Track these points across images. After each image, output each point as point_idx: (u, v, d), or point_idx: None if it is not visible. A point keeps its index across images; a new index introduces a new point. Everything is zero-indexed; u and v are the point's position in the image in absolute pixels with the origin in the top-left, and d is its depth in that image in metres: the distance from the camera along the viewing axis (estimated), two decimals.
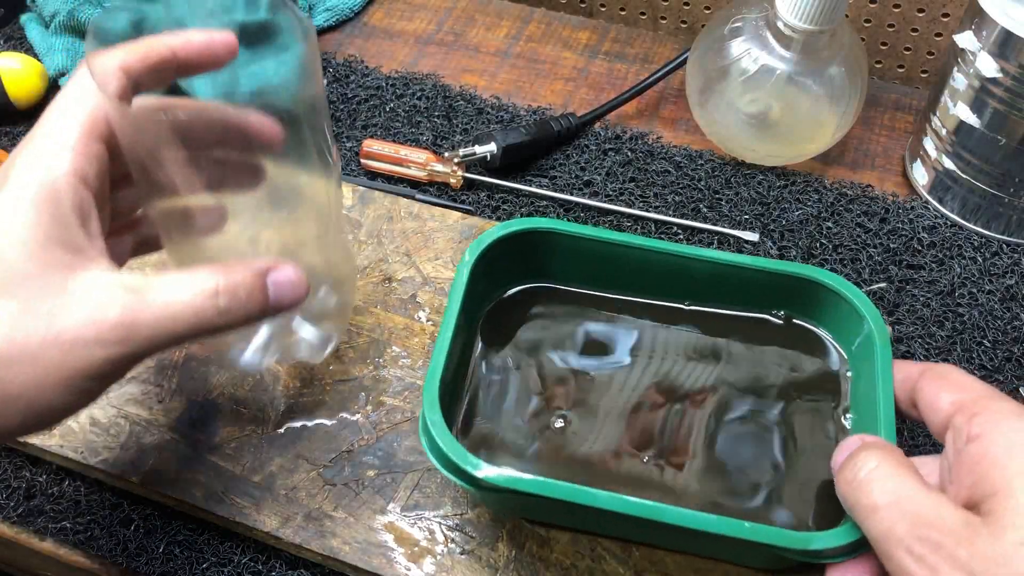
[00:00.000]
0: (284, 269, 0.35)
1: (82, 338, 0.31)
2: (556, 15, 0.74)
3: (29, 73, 0.66)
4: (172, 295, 0.32)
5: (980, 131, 0.54)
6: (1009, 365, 0.51)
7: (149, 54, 0.36)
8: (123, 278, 0.33)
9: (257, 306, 0.34)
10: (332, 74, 0.69)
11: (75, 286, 0.32)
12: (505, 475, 0.36)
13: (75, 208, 0.33)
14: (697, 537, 0.35)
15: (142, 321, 0.32)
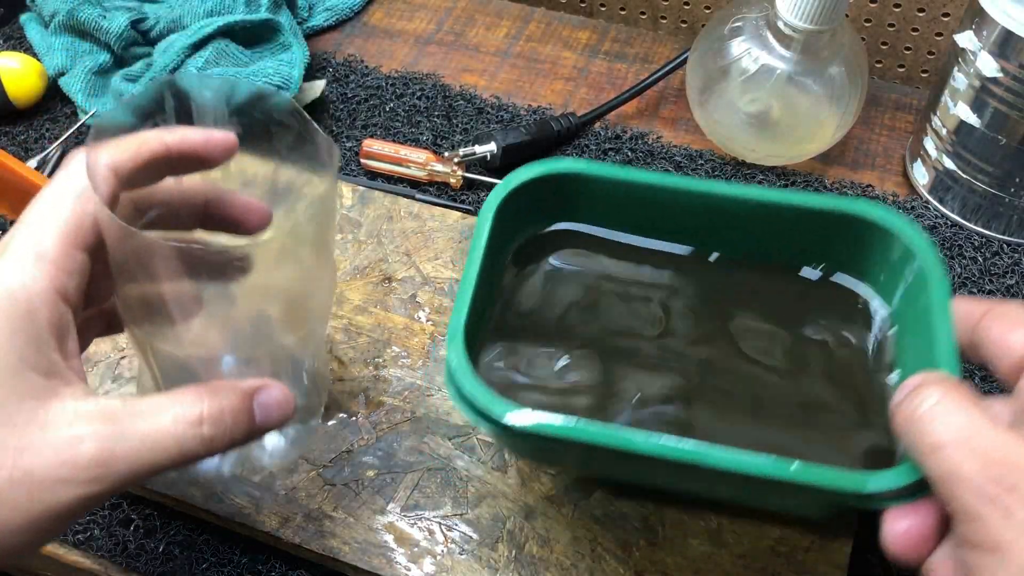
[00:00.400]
0: (272, 390, 0.33)
1: (53, 478, 0.29)
2: (556, 15, 0.74)
3: (29, 73, 0.66)
4: (152, 424, 0.30)
5: (980, 131, 0.54)
6: None
7: (141, 151, 0.33)
8: (100, 405, 0.30)
9: (243, 432, 0.32)
10: (332, 74, 0.69)
11: (48, 417, 0.29)
12: (536, 420, 0.33)
13: (52, 327, 0.30)
14: (742, 482, 0.32)
15: (119, 456, 0.29)
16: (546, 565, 0.41)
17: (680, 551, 0.42)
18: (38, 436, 0.29)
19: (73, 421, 0.29)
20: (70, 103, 0.67)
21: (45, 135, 0.66)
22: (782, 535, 0.42)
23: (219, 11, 0.65)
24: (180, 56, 0.61)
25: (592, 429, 0.33)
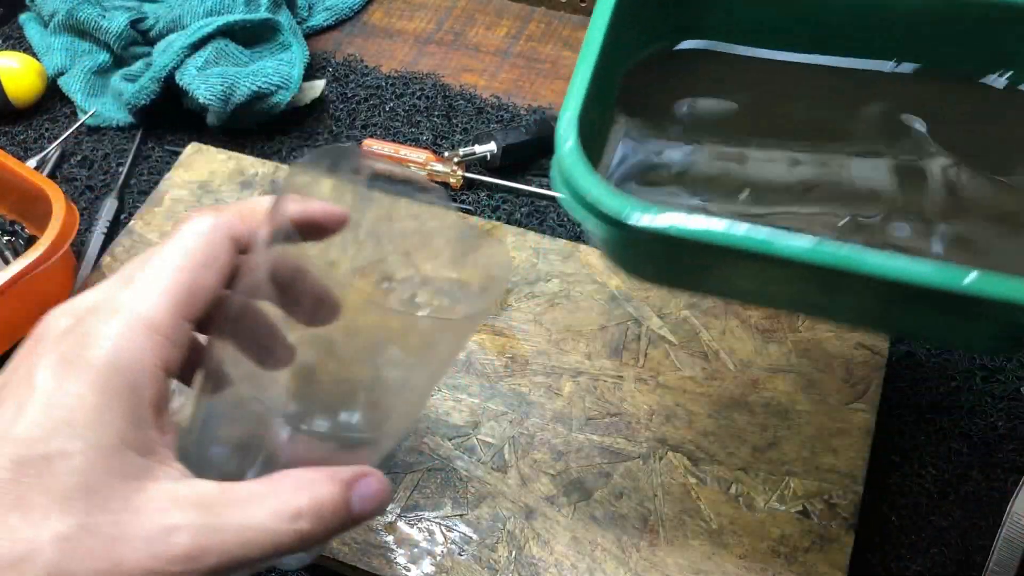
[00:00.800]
0: (370, 480, 0.31)
1: (142, 569, 0.27)
2: (556, 14, 0.74)
3: (28, 72, 0.66)
4: (247, 517, 0.28)
5: None
6: (1011, 365, 0.50)
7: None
8: (195, 490, 0.28)
9: (339, 525, 0.30)
10: (332, 74, 0.68)
11: (142, 502, 0.27)
12: (673, 220, 0.27)
13: (153, 403, 0.29)
14: (903, 300, 0.28)
15: (211, 550, 0.27)
16: (546, 565, 0.41)
17: (680, 551, 0.42)
18: (132, 524, 0.27)
19: (168, 507, 0.28)
20: (69, 103, 0.67)
21: (44, 135, 0.66)
22: (782, 535, 0.42)
23: (218, 11, 0.65)
24: (179, 56, 0.61)
25: (746, 233, 0.27)
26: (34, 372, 0.28)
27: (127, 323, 0.28)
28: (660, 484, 0.44)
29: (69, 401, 0.27)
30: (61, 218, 0.50)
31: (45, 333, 0.29)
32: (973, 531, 0.45)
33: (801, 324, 0.49)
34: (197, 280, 0.30)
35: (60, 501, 0.26)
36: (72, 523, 0.26)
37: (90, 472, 0.27)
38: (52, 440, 0.27)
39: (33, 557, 0.26)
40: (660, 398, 0.46)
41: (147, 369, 0.28)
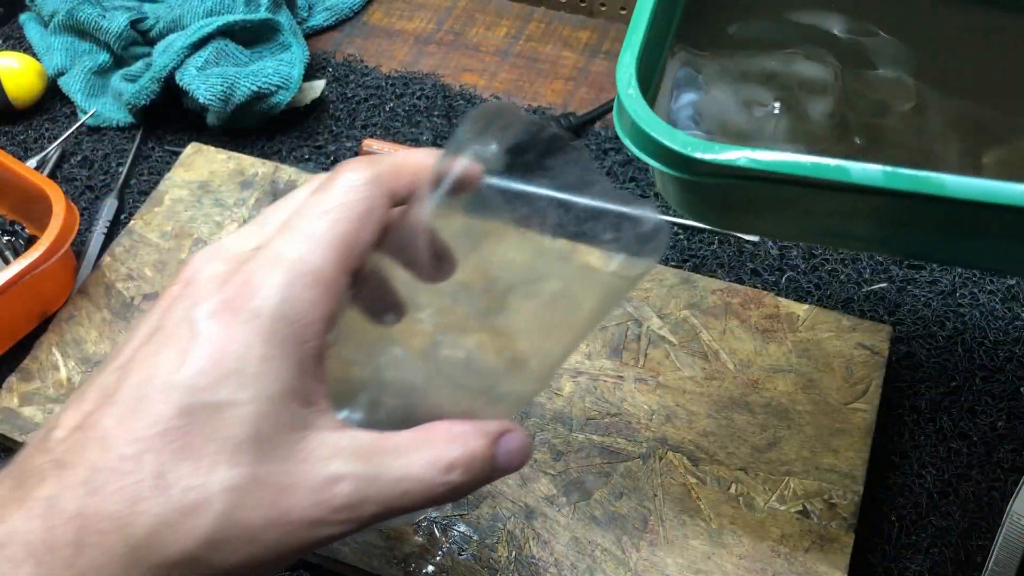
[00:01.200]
0: (515, 435, 0.31)
1: (308, 519, 0.27)
2: (556, 14, 0.74)
3: (28, 72, 0.66)
4: (403, 467, 0.28)
5: None
6: (1011, 365, 0.50)
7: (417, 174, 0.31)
8: (354, 440, 0.29)
9: (485, 479, 0.30)
10: (332, 74, 0.68)
11: (306, 452, 0.28)
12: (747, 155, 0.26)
13: (315, 354, 0.28)
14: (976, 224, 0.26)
15: (370, 499, 0.28)
16: (546, 565, 0.41)
17: (680, 551, 0.42)
18: (298, 474, 0.27)
19: (330, 457, 0.28)
20: (69, 103, 0.67)
21: (44, 135, 0.66)
22: (782, 535, 0.42)
23: (219, 11, 0.65)
24: (180, 56, 0.61)
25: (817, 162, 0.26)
26: (195, 318, 0.27)
27: (294, 274, 0.28)
28: (660, 484, 0.44)
29: (237, 350, 0.27)
30: (61, 218, 0.51)
31: (196, 277, 0.29)
32: (973, 531, 0.45)
33: (801, 324, 0.49)
34: (358, 234, 0.29)
35: (230, 451, 0.26)
36: (242, 473, 0.26)
37: (258, 422, 0.27)
38: (220, 389, 0.26)
39: (205, 506, 0.26)
40: (660, 398, 0.46)
41: (313, 321, 0.28)
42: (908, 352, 0.51)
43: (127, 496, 0.26)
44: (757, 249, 0.56)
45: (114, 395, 0.27)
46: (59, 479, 0.26)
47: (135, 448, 0.26)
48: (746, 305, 0.50)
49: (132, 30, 0.66)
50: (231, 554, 0.26)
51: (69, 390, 0.48)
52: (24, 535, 0.25)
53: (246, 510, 0.26)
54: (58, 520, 0.25)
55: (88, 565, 0.25)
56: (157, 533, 0.26)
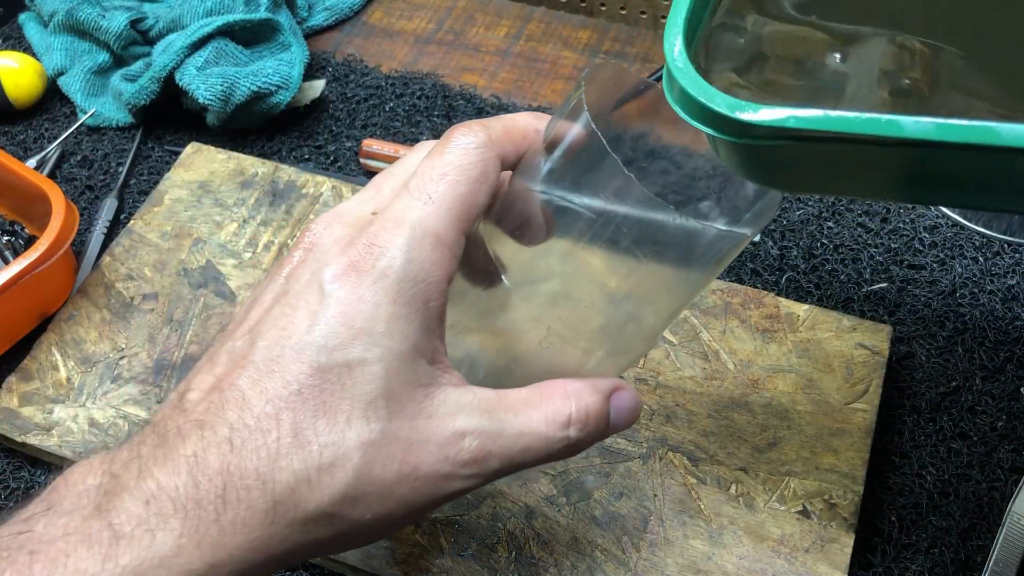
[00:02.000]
0: (626, 393, 0.32)
1: (436, 473, 0.28)
2: (556, 14, 0.73)
3: (28, 72, 0.66)
4: (524, 423, 0.29)
5: None
6: (1011, 365, 0.50)
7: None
8: (477, 397, 0.29)
9: (598, 436, 0.31)
10: (332, 73, 0.68)
11: (433, 408, 0.28)
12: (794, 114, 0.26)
13: (439, 314, 0.29)
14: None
15: (494, 454, 0.29)
16: (546, 565, 0.41)
17: (680, 551, 0.42)
18: (427, 429, 0.28)
19: (456, 413, 0.29)
20: (69, 103, 0.67)
21: (44, 135, 0.66)
22: (782, 535, 0.42)
23: (218, 11, 0.65)
24: (179, 56, 0.61)
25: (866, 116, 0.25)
26: (323, 281, 0.28)
27: (417, 235, 0.28)
28: (660, 484, 0.44)
29: (366, 309, 0.27)
30: (61, 218, 0.50)
31: (318, 242, 0.30)
32: (973, 531, 0.45)
33: (801, 324, 0.49)
34: (475, 196, 0.30)
35: (363, 407, 0.27)
36: (375, 428, 0.27)
37: (389, 380, 0.27)
38: (351, 348, 0.27)
39: (342, 462, 0.27)
40: (660, 398, 0.46)
41: (437, 281, 0.29)
42: (908, 352, 0.51)
43: (268, 453, 0.26)
44: (757, 249, 0.56)
45: (247, 357, 0.28)
46: (201, 438, 0.27)
47: (273, 407, 0.27)
48: (746, 305, 0.50)
49: (132, 30, 0.66)
50: (366, 509, 0.27)
51: (69, 390, 0.48)
52: (171, 491, 0.26)
53: (380, 465, 0.27)
54: (203, 477, 0.26)
55: (232, 520, 0.26)
56: (297, 489, 0.26)
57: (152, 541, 0.26)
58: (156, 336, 0.50)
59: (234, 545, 0.26)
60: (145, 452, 0.27)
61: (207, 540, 0.26)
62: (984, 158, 0.26)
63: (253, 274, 0.53)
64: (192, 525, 0.26)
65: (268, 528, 0.26)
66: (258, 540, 0.26)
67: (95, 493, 0.27)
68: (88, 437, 0.46)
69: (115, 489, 0.27)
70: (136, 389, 0.48)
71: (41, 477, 0.47)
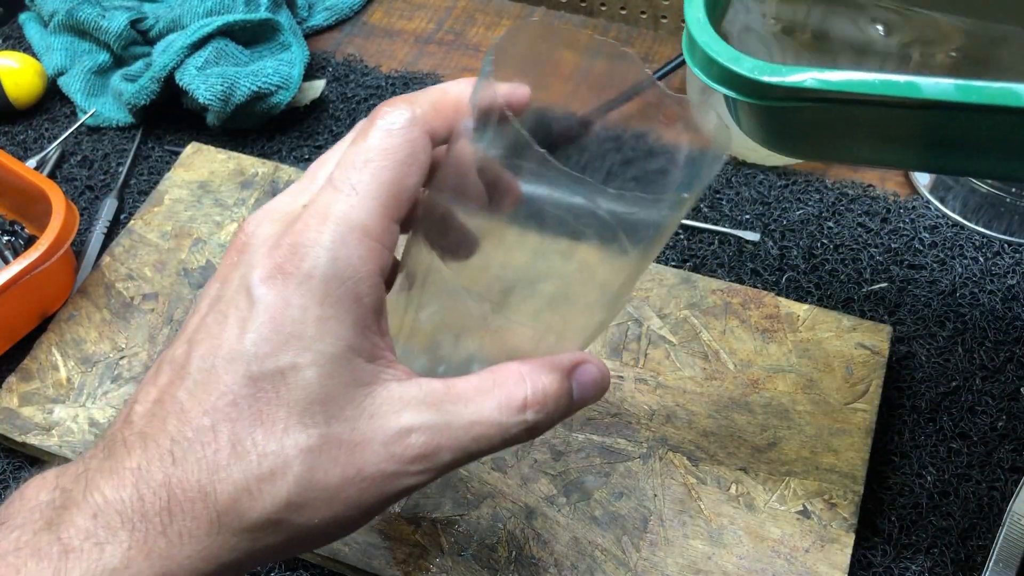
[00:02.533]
0: (590, 366, 0.31)
1: (384, 473, 0.28)
2: (556, 14, 0.73)
3: (28, 72, 0.66)
4: (476, 412, 0.28)
5: None
6: (1011, 366, 0.50)
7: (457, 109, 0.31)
8: (422, 389, 0.29)
9: (562, 413, 0.30)
10: (332, 73, 0.68)
11: (375, 407, 0.28)
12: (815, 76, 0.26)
13: (374, 309, 0.28)
14: None
15: (445, 447, 0.28)
16: (546, 565, 0.41)
17: (680, 551, 0.42)
18: (369, 430, 0.28)
19: (400, 409, 0.28)
20: (69, 103, 0.67)
21: (44, 135, 0.66)
22: (782, 535, 0.42)
23: (218, 11, 0.65)
24: (179, 56, 0.61)
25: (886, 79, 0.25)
26: (251, 286, 0.28)
27: (341, 231, 0.27)
28: (660, 484, 0.44)
29: (294, 314, 0.27)
30: (61, 218, 0.50)
31: (249, 242, 0.29)
32: (973, 531, 0.45)
33: (801, 324, 0.49)
34: (402, 180, 0.28)
35: (299, 413, 0.27)
36: (314, 434, 0.27)
37: (324, 383, 0.27)
38: (282, 355, 0.27)
39: (283, 470, 0.26)
40: (660, 398, 0.46)
41: (366, 276, 0.28)
42: (908, 352, 0.51)
43: (207, 466, 0.26)
44: (757, 249, 0.56)
45: (184, 367, 0.28)
46: (144, 451, 0.27)
47: (210, 419, 0.27)
48: (746, 305, 0.50)
49: (132, 30, 0.66)
50: (312, 514, 0.27)
51: (69, 390, 0.48)
52: (117, 504, 0.26)
53: (321, 471, 0.27)
54: (147, 490, 0.26)
55: (179, 532, 0.26)
56: (239, 500, 0.26)
57: (101, 554, 0.26)
58: (156, 336, 0.50)
59: (183, 556, 0.26)
60: (93, 466, 0.27)
61: (155, 552, 0.26)
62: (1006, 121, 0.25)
63: None
64: (140, 538, 0.26)
65: (215, 538, 0.26)
66: (206, 550, 0.26)
67: (47, 507, 0.27)
68: (88, 437, 0.46)
69: (65, 503, 0.27)
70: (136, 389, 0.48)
71: None
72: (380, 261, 0.28)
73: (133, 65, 0.66)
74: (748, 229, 0.57)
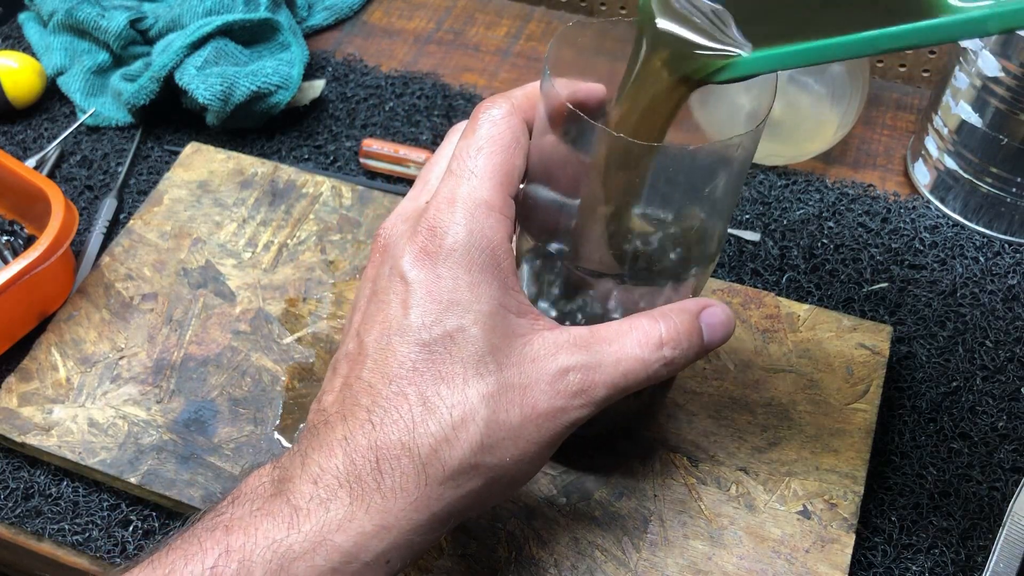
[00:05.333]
0: (715, 309, 0.34)
1: (553, 408, 0.31)
2: (556, 14, 0.73)
3: (27, 72, 0.65)
4: (620, 349, 0.32)
5: (982, 131, 0.54)
6: (1011, 365, 0.50)
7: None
8: (571, 334, 0.32)
9: (695, 352, 0.34)
10: (331, 73, 0.68)
11: (534, 353, 0.31)
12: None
13: (511, 271, 0.32)
14: None
15: (599, 382, 0.32)
16: (546, 566, 0.41)
17: (680, 551, 0.42)
18: (534, 372, 0.31)
19: (556, 352, 0.31)
20: (68, 102, 0.67)
21: (44, 134, 0.66)
22: (782, 535, 0.42)
23: (218, 10, 0.65)
24: (179, 55, 0.61)
25: None
26: (403, 271, 0.31)
27: (469, 208, 0.31)
28: (660, 484, 0.44)
29: (447, 284, 0.31)
30: (60, 218, 0.50)
31: (389, 241, 0.34)
32: (974, 531, 0.45)
33: (801, 324, 0.49)
34: (510, 160, 0.33)
35: (474, 366, 0.30)
36: (491, 381, 0.30)
37: (488, 337, 0.31)
38: (447, 320, 0.31)
39: (472, 416, 0.30)
40: None
41: (500, 243, 0.32)
42: (908, 352, 0.51)
43: (405, 425, 0.30)
44: (757, 249, 0.56)
45: (362, 353, 0.32)
46: (345, 424, 0.31)
47: (397, 386, 0.30)
48: (746, 305, 0.49)
49: (131, 29, 0.66)
50: (503, 453, 0.31)
51: (68, 390, 0.48)
52: (332, 470, 0.30)
53: (503, 411, 0.30)
54: (356, 455, 0.30)
55: (392, 487, 0.30)
56: (439, 449, 0.30)
57: (327, 511, 0.29)
58: (155, 336, 0.50)
59: (398, 508, 0.29)
60: (303, 446, 0.31)
61: (373, 507, 0.29)
62: None
63: (252, 274, 0.53)
64: (357, 495, 0.29)
65: (424, 489, 0.30)
66: (418, 501, 0.30)
67: (270, 484, 0.31)
68: (88, 437, 0.46)
69: (285, 477, 0.31)
70: (135, 389, 0.48)
71: (40, 477, 0.47)
72: (507, 230, 0.32)
73: (132, 65, 0.66)
74: (748, 229, 0.57)
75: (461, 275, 0.31)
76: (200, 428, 0.46)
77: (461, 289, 0.31)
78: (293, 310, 0.51)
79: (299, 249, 0.54)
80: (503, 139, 0.33)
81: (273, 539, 0.29)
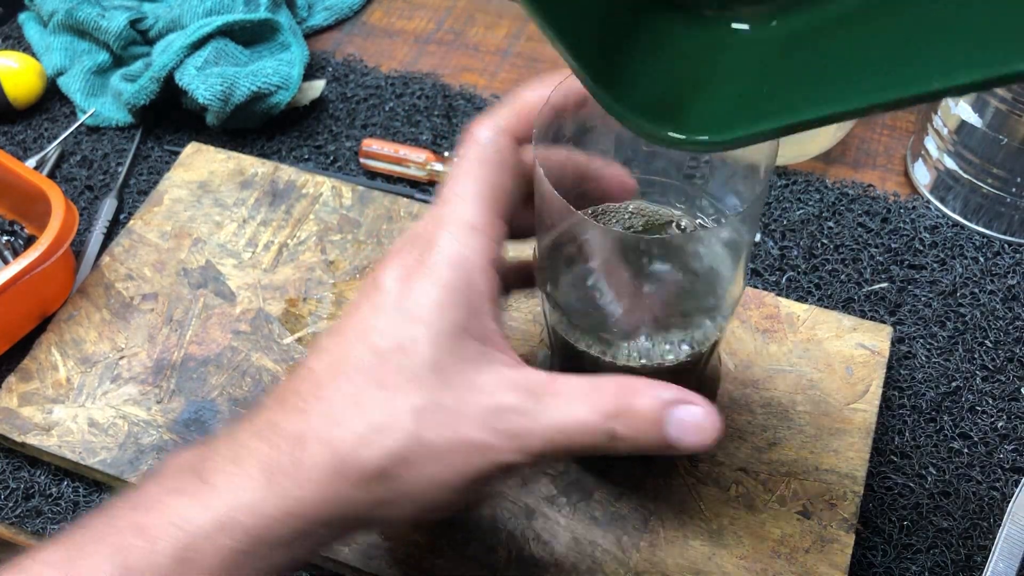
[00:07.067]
0: (693, 408, 0.31)
1: (482, 443, 0.30)
2: None
3: (27, 72, 0.65)
4: (569, 408, 0.31)
5: (982, 131, 0.54)
6: (1011, 365, 0.50)
7: None
8: (526, 377, 0.31)
9: (652, 442, 0.31)
10: (331, 73, 0.68)
11: (481, 383, 0.31)
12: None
13: (487, 295, 0.32)
14: None
15: (536, 433, 0.31)
16: (546, 565, 0.41)
17: (680, 551, 0.42)
18: (472, 401, 0.31)
19: (502, 388, 0.31)
20: (68, 103, 0.67)
21: (44, 135, 0.66)
22: (782, 535, 0.42)
23: (218, 10, 0.65)
24: (179, 56, 0.61)
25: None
26: (382, 279, 0.33)
27: (454, 228, 0.32)
28: (660, 484, 0.44)
29: (415, 297, 0.32)
30: (60, 218, 0.50)
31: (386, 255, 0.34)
32: (974, 531, 0.45)
33: (801, 324, 0.49)
34: (496, 180, 0.33)
35: (413, 379, 0.31)
36: (424, 397, 0.31)
37: (436, 355, 0.31)
38: (403, 330, 0.31)
39: (396, 424, 0.30)
40: None
41: (478, 264, 0.32)
42: (908, 352, 0.51)
43: (331, 418, 0.31)
44: (757, 249, 0.56)
45: (327, 348, 0.33)
46: (280, 408, 0.32)
47: (338, 383, 0.31)
48: (746, 305, 0.49)
49: (131, 30, 0.66)
50: (419, 472, 0.30)
51: (68, 390, 0.48)
52: (255, 451, 0.31)
53: (429, 430, 0.30)
54: (280, 439, 0.31)
55: (305, 476, 0.30)
56: (356, 448, 0.30)
57: (240, 491, 0.30)
58: (156, 336, 0.50)
59: (308, 499, 0.30)
60: (234, 427, 0.32)
61: (285, 493, 0.30)
62: None
63: (253, 274, 0.53)
64: (272, 479, 0.30)
65: (335, 484, 0.30)
66: (327, 494, 0.30)
67: (190, 459, 0.32)
68: (88, 437, 0.46)
69: (207, 455, 0.32)
70: (136, 389, 0.48)
71: (40, 477, 0.47)
72: (490, 251, 0.32)
73: (133, 65, 0.66)
74: None
75: (430, 292, 0.31)
76: (200, 428, 0.46)
77: (426, 306, 0.31)
78: (293, 310, 0.51)
79: (299, 249, 0.54)
80: (489, 160, 0.34)
81: (182, 516, 0.30)
